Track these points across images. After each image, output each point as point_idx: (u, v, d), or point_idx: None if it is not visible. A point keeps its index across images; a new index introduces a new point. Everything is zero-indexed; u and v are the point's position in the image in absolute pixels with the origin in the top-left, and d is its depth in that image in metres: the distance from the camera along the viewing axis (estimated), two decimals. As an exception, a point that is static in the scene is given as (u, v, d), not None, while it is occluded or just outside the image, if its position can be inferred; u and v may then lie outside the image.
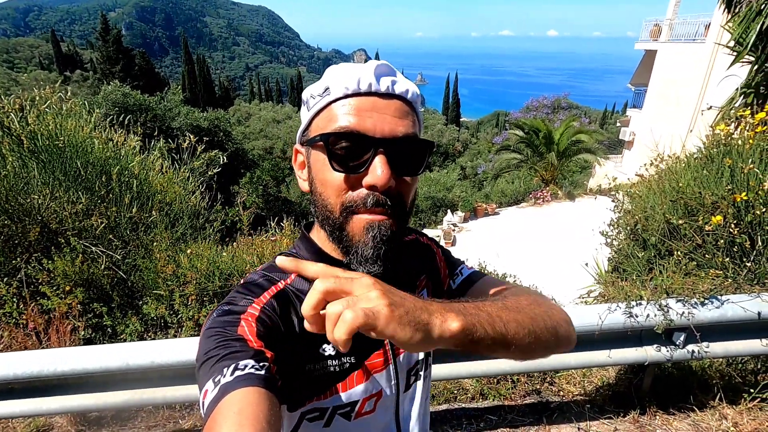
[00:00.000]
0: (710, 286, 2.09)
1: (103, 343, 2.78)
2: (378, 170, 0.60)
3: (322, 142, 0.63)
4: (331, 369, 0.69)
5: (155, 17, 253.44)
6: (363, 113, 0.62)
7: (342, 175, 0.63)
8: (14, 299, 2.65)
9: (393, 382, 0.77)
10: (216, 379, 0.53)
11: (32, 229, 2.85)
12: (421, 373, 0.84)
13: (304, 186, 0.71)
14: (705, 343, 2.05)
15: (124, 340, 2.74)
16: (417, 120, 0.68)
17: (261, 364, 0.56)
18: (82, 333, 2.68)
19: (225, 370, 0.53)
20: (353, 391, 0.71)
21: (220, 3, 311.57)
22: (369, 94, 0.63)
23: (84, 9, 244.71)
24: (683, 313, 1.95)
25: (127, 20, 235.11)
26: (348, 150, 0.62)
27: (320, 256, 0.73)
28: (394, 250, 0.65)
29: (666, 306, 1.97)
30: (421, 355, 0.83)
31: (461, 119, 65.12)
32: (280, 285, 0.70)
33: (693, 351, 2.05)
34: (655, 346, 2.07)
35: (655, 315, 1.96)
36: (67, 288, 2.71)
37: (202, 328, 0.63)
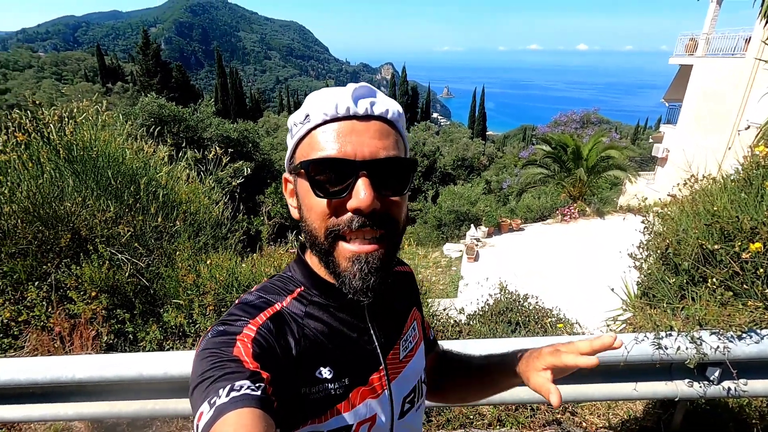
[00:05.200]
0: (748, 319, 1.95)
1: (125, 349, 2.85)
2: (361, 193, 0.60)
3: (304, 171, 0.63)
4: (327, 393, 0.68)
5: (193, 32, 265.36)
6: (342, 138, 0.62)
7: (326, 200, 0.63)
8: (43, 303, 2.76)
9: (388, 409, 0.76)
10: (211, 401, 0.52)
11: (64, 235, 2.97)
12: (417, 401, 0.84)
13: (295, 213, 0.71)
14: (743, 380, 1.90)
15: (144, 347, 2.79)
16: (400, 139, 0.68)
17: (257, 384, 0.55)
18: (105, 338, 2.75)
19: (220, 391, 0.53)
20: (348, 415, 0.70)
21: (254, 19, 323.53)
22: (347, 117, 0.63)
23: (128, 25, 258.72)
24: (718, 347, 1.82)
25: (166, 35, 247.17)
26: (329, 176, 0.62)
27: (313, 279, 0.73)
28: (383, 278, 0.65)
29: (699, 339, 1.85)
30: (416, 382, 0.83)
31: (487, 133, 64.66)
32: (277, 307, 0.70)
33: (729, 388, 1.90)
34: (686, 380, 1.94)
35: (687, 348, 1.84)
36: (93, 294, 2.80)
37: (197, 350, 0.62)
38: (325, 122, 0.63)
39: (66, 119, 3.34)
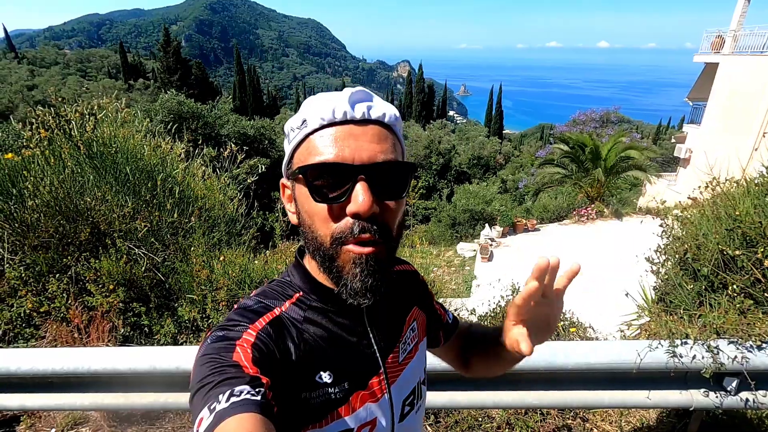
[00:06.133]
0: (769, 328, 1.88)
1: (141, 342, 2.92)
2: (360, 197, 0.60)
3: (302, 176, 0.63)
4: (327, 397, 0.68)
5: (212, 30, 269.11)
6: (340, 142, 0.62)
7: (325, 206, 0.63)
8: (63, 295, 2.84)
9: (388, 413, 0.76)
10: (211, 407, 0.52)
11: (83, 229, 3.05)
12: (416, 403, 0.84)
13: (294, 219, 0.71)
14: (762, 392, 1.84)
15: (159, 341, 2.85)
16: (397, 142, 0.67)
17: (257, 389, 0.55)
18: (122, 330, 2.83)
19: (220, 396, 0.53)
20: (348, 419, 0.70)
21: (272, 16, 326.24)
22: (345, 122, 0.63)
23: (149, 23, 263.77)
24: (736, 357, 1.76)
25: (186, 33, 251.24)
26: (328, 181, 0.62)
27: (313, 284, 0.73)
28: (383, 281, 0.65)
29: (716, 348, 1.79)
30: (415, 384, 0.84)
31: (504, 131, 63.89)
32: (276, 312, 0.70)
33: (747, 399, 1.85)
34: (702, 390, 1.88)
35: (703, 357, 1.79)
36: (111, 287, 2.87)
37: (196, 355, 0.62)
38: (323, 127, 0.63)
39: (87, 116, 3.43)
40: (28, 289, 2.87)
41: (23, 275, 2.90)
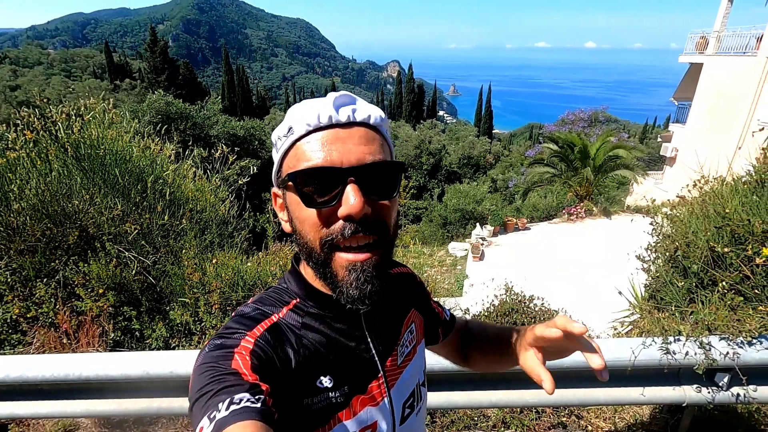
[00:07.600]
0: (759, 324, 1.92)
1: (132, 346, 2.87)
2: (351, 199, 0.60)
3: (292, 183, 0.63)
4: (328, 401, 0.68)
5: (200, 29, 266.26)
6: (327, 146, 0.62)
7: (316, 211, 0.63)
8: (52, 300, 2.78)
9: (389, 417, 0.76)
10: (211, 415, 0.52)
11: (72, 232, 2.99)
12: (416, 405, 0.84)
13: (287, 227, 0.71)
14: (752, 387, 1.88)
15: (151, 345, 2.81)
16: (385, 143, 0.67)
17: (257, 397, 0.55)
18: (112, 335, 2.78)
19: (220, 405, 0.53)
20: (349, 422, 0.70)
21: (261, 16, 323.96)
22: (330, 126, 0.63)
23: (135, 22, 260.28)
24: (727, 353, 1.79)
25: (174, 32, 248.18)
26: (318, 186, 0.61)
27: (309, 290, 0.73)
28: (380, 285, 0.65)
29: (708, 344, 1.82)
30: (414, 386, 0.84)
31: (494, 131, 64.37)
32: (273, 318, 0.70)
33: (738, 394, 1.88)
34: (695, 386, 1.91)
35: (696, 353, 1.81)
36: (101, 291, 2.82)
37: (195, 365, 0.62)
38: (309, 133, 0.63)
39: (74, 117, 3.36)
40: (15, 294, 2.81)
41: (9, 280, 2.83)
